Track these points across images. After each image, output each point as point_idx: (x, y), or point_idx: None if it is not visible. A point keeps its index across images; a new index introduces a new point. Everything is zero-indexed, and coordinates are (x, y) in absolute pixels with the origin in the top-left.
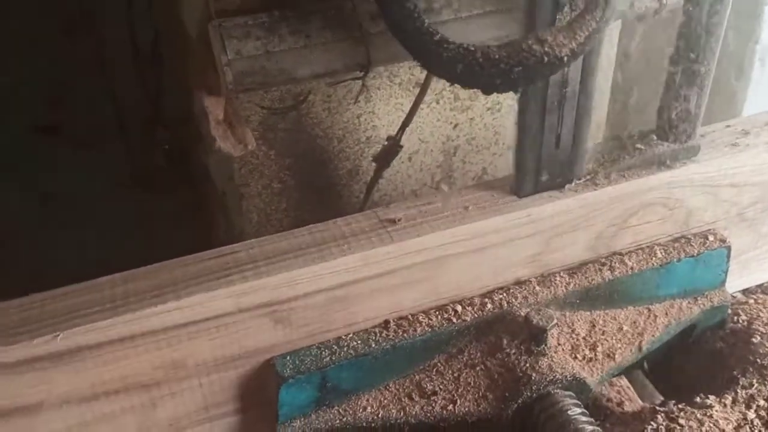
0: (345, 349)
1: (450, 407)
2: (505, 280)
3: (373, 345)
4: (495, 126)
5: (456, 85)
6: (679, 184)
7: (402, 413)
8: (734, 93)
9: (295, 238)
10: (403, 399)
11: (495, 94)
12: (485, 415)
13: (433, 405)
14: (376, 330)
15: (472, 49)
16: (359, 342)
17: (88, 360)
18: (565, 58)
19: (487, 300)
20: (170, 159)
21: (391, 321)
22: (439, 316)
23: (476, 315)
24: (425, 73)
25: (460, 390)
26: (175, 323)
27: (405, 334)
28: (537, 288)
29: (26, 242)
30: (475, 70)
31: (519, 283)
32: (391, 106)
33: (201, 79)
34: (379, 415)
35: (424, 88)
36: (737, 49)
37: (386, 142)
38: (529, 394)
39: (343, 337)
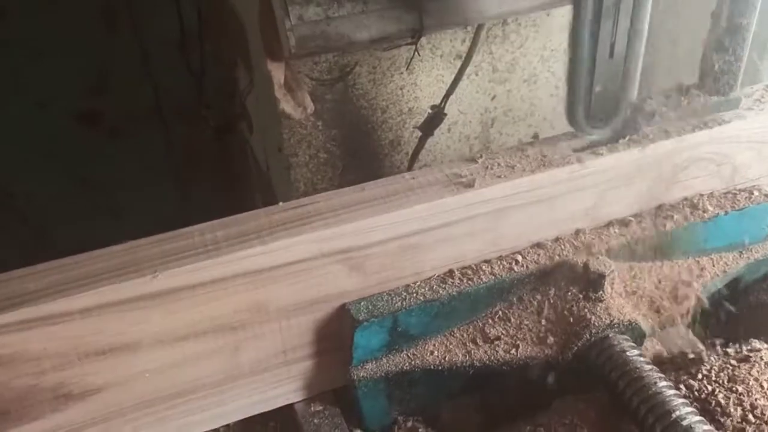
0: (414, 295)
1: (513, 351)
2: (562, 231)
3: (440, 292)
4: (531, 98)
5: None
6: (726, 140)
7: (467, 357)
8: (758, 71)
9: (367, 191)
10: (467, 344)
11: (532, 67)
12: (546, 358)
13: (497, 349)
14: (442, 278)
15: None
16: (427, 289)
17: (182, 301)
18: None
19: (545, 250)
20: (215, 137)
21: (456, 270)
22: (501, 266)
23: (536, 264)
24: (467, 44)
25: (521, 335)
26: (260, 267)
27: (469, 282)
28: (593, 239)
29: (68, 227)
30: None
31: (576, 233)
32: (432, 77)
33: (264, 46)
34: (446, 359)
35: (469, 56)
36: (761, 28)
37: (430, 111)
38: (588, 337)
39: (412, 284)
